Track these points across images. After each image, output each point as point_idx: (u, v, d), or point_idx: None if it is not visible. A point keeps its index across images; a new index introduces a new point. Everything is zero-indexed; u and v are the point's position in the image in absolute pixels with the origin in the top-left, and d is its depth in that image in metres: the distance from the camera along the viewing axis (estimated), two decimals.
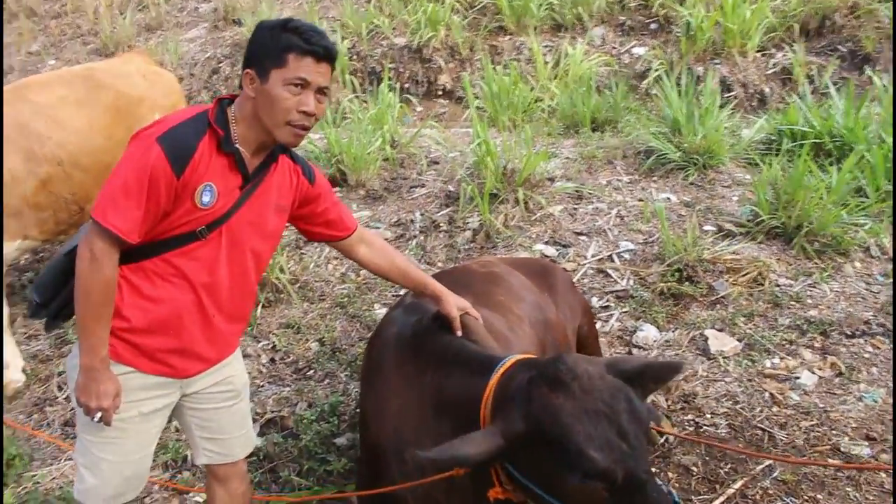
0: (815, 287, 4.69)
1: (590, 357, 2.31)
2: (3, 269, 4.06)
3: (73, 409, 3.90)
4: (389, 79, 7.87)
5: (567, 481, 2.00)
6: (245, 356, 4.46)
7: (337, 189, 6.14)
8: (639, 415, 2.03)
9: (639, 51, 8.30)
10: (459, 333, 2.66)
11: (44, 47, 10.14)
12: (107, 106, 4.49)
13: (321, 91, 2.24)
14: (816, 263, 4.89)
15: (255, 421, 3.82)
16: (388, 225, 5.66)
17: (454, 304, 2.66)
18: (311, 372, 4.34)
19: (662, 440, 3.54)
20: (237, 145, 2.25)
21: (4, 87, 4.45)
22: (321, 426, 3.63)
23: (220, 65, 8.85)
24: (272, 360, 4.47)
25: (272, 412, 3.92)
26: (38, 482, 3.28)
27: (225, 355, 2.50)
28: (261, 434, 3.73)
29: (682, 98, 6.25)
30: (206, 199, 2.21)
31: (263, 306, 4.90)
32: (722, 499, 3.19)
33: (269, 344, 4.61)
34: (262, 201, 2.38)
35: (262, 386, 4.22)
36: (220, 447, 2.59)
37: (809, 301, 4.57)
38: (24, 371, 4.25)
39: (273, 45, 2.19)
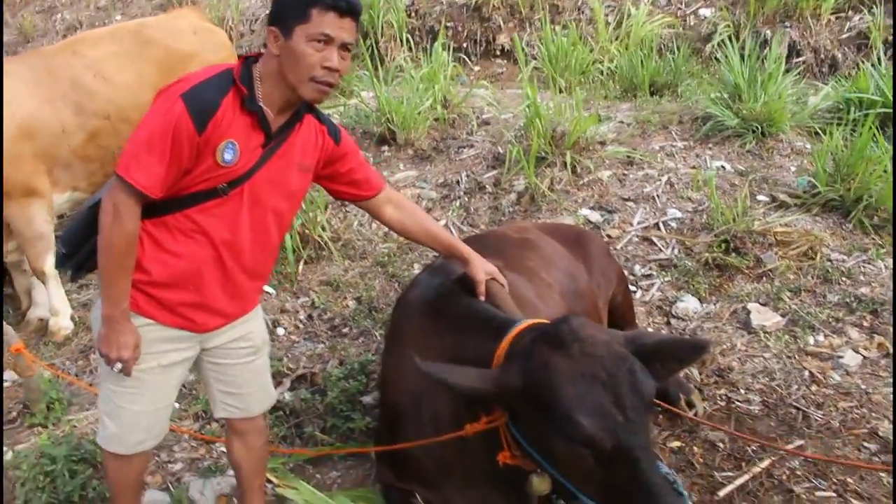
0: (869, 264, 4.49)
1: (602, 326, 2.25)
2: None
3: None
4: (446, 37, 7.79)
5: (554, 443, 1.99)
6: (283, 312, 4.54)
7: (385, 148, 6.15)
8: (641, 388, 1.99)
9: (705, 12, 8.00)
10: (483, 298, 2.64)
11: (111, 2, 10.36)
12: (156, 61, 4.55)
13: (345, 47, 2.22)
14: (873, 239, 4.68)
15: (286, 376, 3.90)
16: (433, 185, 5.64)
17: (481, 267, 2.64)
18: (347, 329, 4.39)
19: (692, 412, 3.47)
20: (261, 104, 2.25)
21: (61, 41, 4.56)
22: (349, 384, 3.67)
23: None
24: (310, 317, 4.53)
25: (304, 368, 3.98)
26: (75, 426, 3.42)
27: (245, 311, 2.53)
28: (291, 389, 3.80)
29: (745, 62, 6.00)
30: (227, 156, 2.22)
31: (305, 263, 4.96)
32: (747, 477, 3.11)
33: (307, 300, 4.67)
34: (286, 161, 2.37)
35: (297, 342, 4.29)
36: (239, 402, 2.64)
37: (862, 278, 4.38)
38: (72, 319, 4.41)
39: (297, 1, 2.17)
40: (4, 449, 3.32)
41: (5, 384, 3.90)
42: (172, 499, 3.05)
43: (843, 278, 4.38)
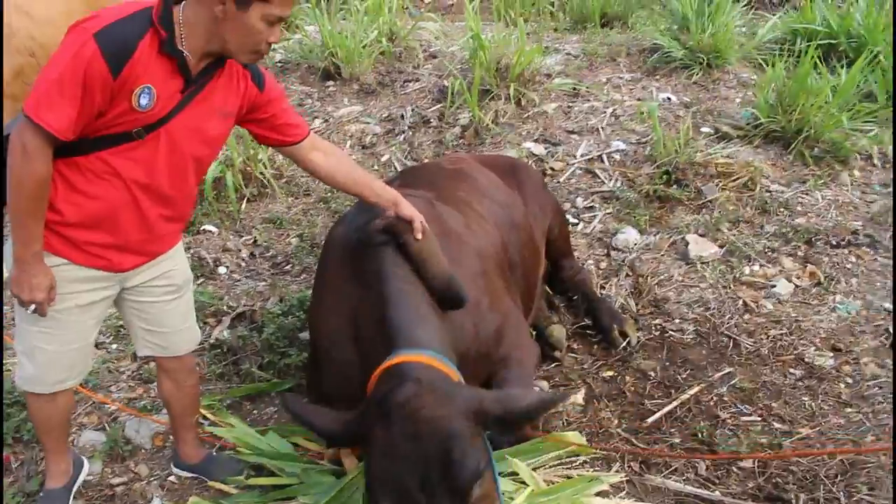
0: (807, 194, 4.56)
1: (450, 389, 2.14)
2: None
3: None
4: None
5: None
6: (225, 251, 4.49)
7: (330, 83, 6.03)
8: (455, 474, 1.94)
9: None
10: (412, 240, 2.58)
11: None
12: None
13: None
14: (813, 170, 4.74)
15: (225, 314, 3.87)
16: (378, 120, 5.56)
17: (406, 211, 2.62)
18: (289, 267, 4.36)
19: (624, 343, 3.53)
20: (182, 48, 2.16)
21: None
22: (287, 320, 3.66)
23: None
24: (252, 255, 4.49)
25: (245, 306, 3.96)
26: (9, 369, 3.35)
27: (163, 250, 2.49)
28: (231, 327, 3.78)
29: None
30: (143, 101, 2.14)
31: (248, 201, 4.88)
32: (675, 404, 3.18)
33: (250, 238, 4.62)
34: (206, 107, 2.29)
35: (239, 280, 4.25)
36: (162, 340, 2.62)
37: (799, 209, 4.45)
38: None
39: None
40: None
41: None
42: (108, 438, 3.04)
43: (781, 209, 4.44)
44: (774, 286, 3.90)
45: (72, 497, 2.75)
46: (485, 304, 2.79)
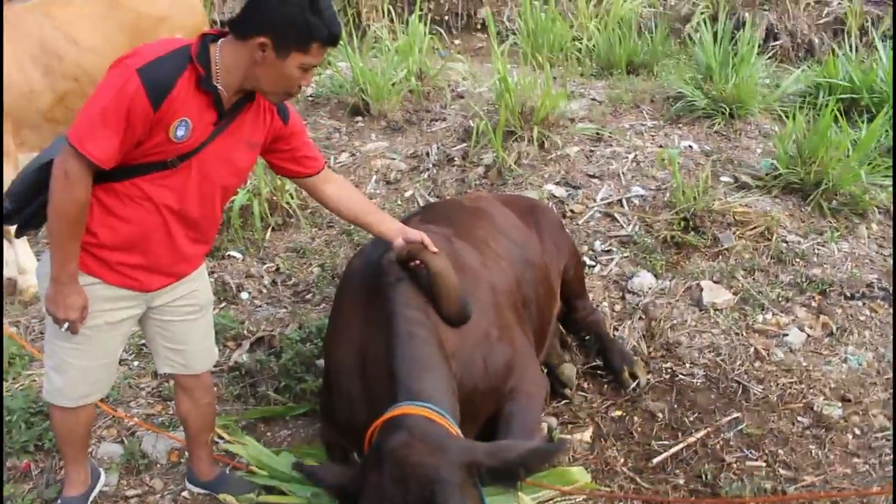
0: (823, 246, 4.59)
1: (443, 440, 2.20)
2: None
3: None
4: (427, 10, 7.81)
5: None
6: (248, 276, 4.61)
7: (358, 119, 6.18)
8: None
9: None
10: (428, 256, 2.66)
11: None
12: (126, 25, 4.56)
13: None
14: (830, 222, 4.78)
15: (245, 339, 3.98)
16: (403, 157, 5.70)
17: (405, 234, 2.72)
18: (310, 295, 4.47)
19: (634, 384, 3.58)
20: (217, 84, 2.30)
21: (31, 1, 4.58)
22: (305, 347, 3.76)
23: None
24: (273, 282, 4.60)
25: (265, 331, 4.07)
26: (35, 380, 3.49)
27: (188, 271, 2.61)
28: (250, 351, 3.89)
29: (718, 44, 6.05)
30: (180, 133, 2.28)
31: (273, 230, 5.02)
32: (681, 446, 3.23)
33: (273, 266, 4.74)
34: (234, 138, 2.43)
35: (260, 306, 4.36)
36: (182, 358, 2.73)
37: (815, 259, 4.49)
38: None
39: (302, 27, 2.19)
40: None
41: None
42: (125, 452, 3.14)
43: (797, 259, 4.48)
44: (787, 335, 3.93)
45: None
46: (494, 335, 2.87)
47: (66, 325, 2.39)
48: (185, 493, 2.99)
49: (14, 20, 4.30)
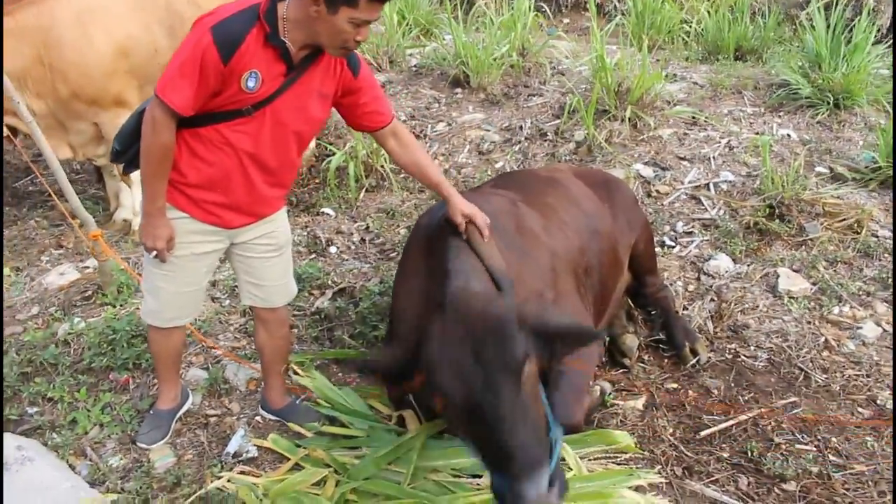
0: None
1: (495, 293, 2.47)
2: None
3: None
4: None
5: (433, 398, 2.30)
6: (338, 232, 4.90)
7: (458, 90, 6.37)
8: (506, 352, 2.19)
9: None
10: (464, 237, 2.81)
11: None
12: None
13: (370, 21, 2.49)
14: None
15: (329, 288, 4.26)
16: (497, 129, 5.85)
17: (459, 209, 2.80)
18: (394, 254, 4.70)
19: (694, 360, 3.64)
20: (284, 38, 2.47)
21: None
22: (382, 299, 4.00)
23: None
24: (362, 240, 4.87)
25: (349, 283, 4.34)
26: (139, 307, 3.86)
27: (267, 213, 2.86)
28: (331, 299, 4.16)
29: (831, 31, 5.87)
30: (250, 83, 2.49)
31: (367, 191, 5.30)
32: (732, 422, 3.27)
33: (363, 225, 5.01)
34: (305, 89, 2.61)
35: (347, 260, 4.64)
36: (262, 292, 3.00)
37: None
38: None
39: None
40: (77, 320, 3.82)
41: (86, 270, 4.42)
42: (210, 377, 3.47)
43: (886, 254, 4.37)
44: (861, 328, 3.87)
45: (174, 420, 3.20)
46: (549, 297, 2.99)
47: (153, 252, 2.69)
48: (258, 418, 3.29)
49: None
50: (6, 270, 4.44)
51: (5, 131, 4.41)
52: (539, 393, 2.42)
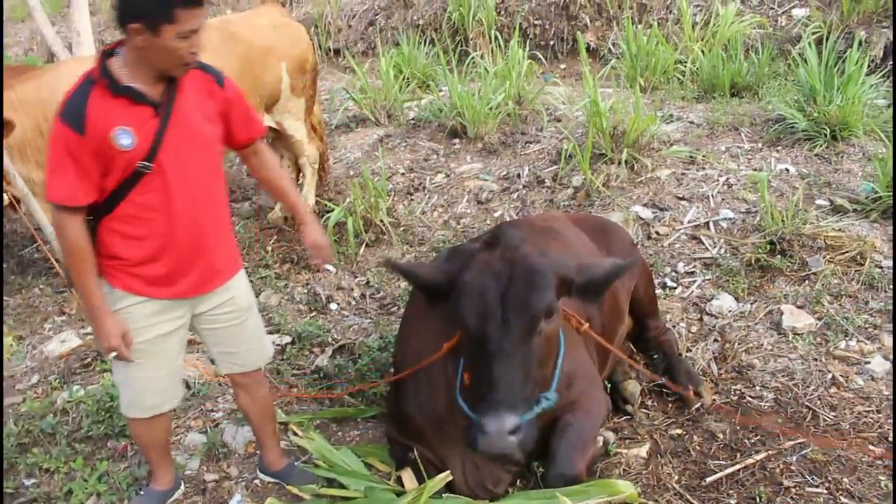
0: None
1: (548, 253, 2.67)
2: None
3: None
4: (534, 35, 8.00)
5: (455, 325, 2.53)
6: (339, 289, 4.91)
7: (456, 141, 6.42)
8: (530, 297, 2.42)
9: (799, 12, 7.82)
10: (316, 262, 3.08)
11: None
12: (238, 55, 4.98)
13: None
14: None
15: (329, 345, 4.24)
16: (495, 178, 5.87)
17: (311, 237, 2.98)
18: (395, 308, 4.70)
19: (698, 404, 3.57)
20: (130, 84, 2.43)
21: None
22: (381, 355, 3.98)
23: (377, 17, 9.31)
24: (362, 295, 4.87)
25: (349, 340, 4.32)
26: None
27: (222, 275, 2.77)
28: (331, 357, 4.14)
29: (824, 64, 5.88)
30: (124, 141, 2.41)
31: (366, 245, 5.31)
32: (739, 466, 3.19)
33: (363, 280, 5.01)
34: (186, 118, 2.53)
35: (347, 316, 4.63)
36: (237, 359, 2.94)
37: None
38: None
39: (159, 3, 2.31)
40: (76, 388, 3.82)
41: (88, 336, 4.43)
42: (208, 440, 3.44)
43: (891, 286, 4.31)
44: (869, 363, 3.80)
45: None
46: None
47: (112, 354, 2.60)
48: (256, 481, 3.25)
49: None
50: (9, 340, 4.46)
51: (9, 199, 4.48)
52: (553, 355, 2.67)
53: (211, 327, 2.86)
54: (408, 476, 3.02)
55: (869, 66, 6.23)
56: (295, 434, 3.47)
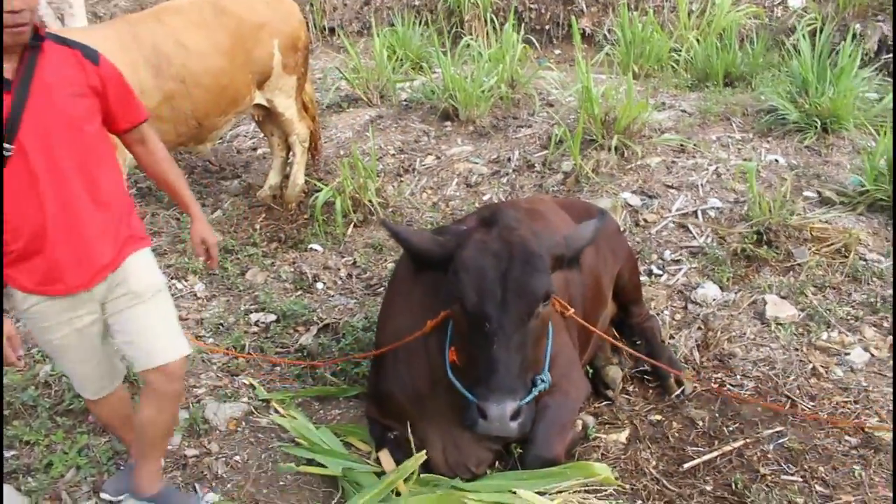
0: None
1: (543, 233, 2.73)
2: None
3: (173, 295, 4.51)
4: (529, 20, 7.96)
5: (451, 302, 2.55)
6: (325, 268, 4.90)
7: (447, 123, 6.39)
8: (529, 279, 2.46)
9: (795, 3, 7.82)
10: (201, 258, 2.96)
11: None
12: (229, 31, 4.93)
13: None
14: None
15: (314, 324, 4.25)
16: (486, 161, 5.86)
17: (200, 234, 2.87)
18: (381, 289, 4.69)
19: (678, 391, 3.60)
20: None
21: (148, 10, 5.06)
22: (365, 335, 3.99)
23: None
24: (349, 275, 4.87)
25: (334, 319, 4.32)
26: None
27: (117, 256, 2.54)
28: (316, 336, 4.15)
29: (816, 56, 5.88)
30: None
31: (354, 226, 5.30)
32: (716, 454, 3.22)
33: (350, 260, 5.01)
34: (48, 93, 2.34)
35: (333, 296, 4.63)
36: (136, 350, 2.63)
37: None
38: None
39: None
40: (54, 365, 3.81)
41: None
42: (189, 416, 3.45)
43: (874, 278, 4.34)
44: (849, 354, 3.83)
45: None
46: None
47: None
48: (236, 458, 3.26)
49: (130, 28, 4.74)
50: None
51: None
52: (544, 338, 2.72)
53: (111, 315, 2.61)
54: (386, 457, 3.03)
55: (862, 59, 6.25)
56: (276, 412, 3.48)
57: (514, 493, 2.76)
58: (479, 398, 2.50)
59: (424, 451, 2.90)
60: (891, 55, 7.06)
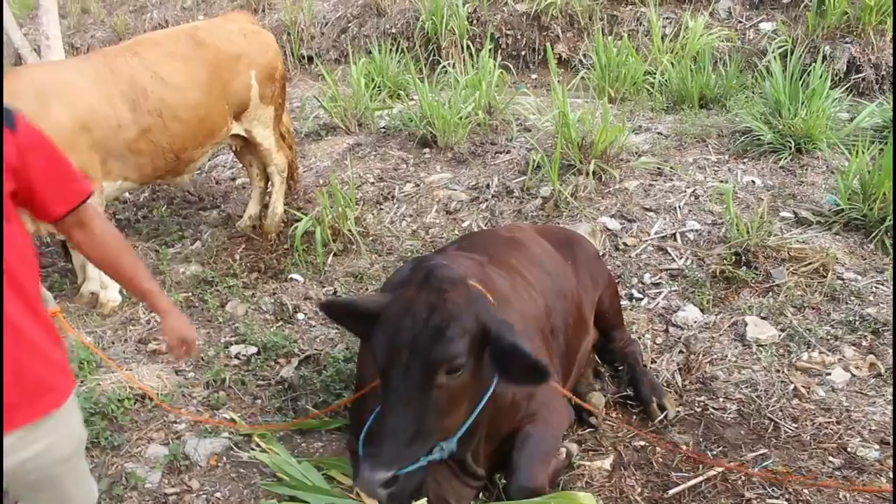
0: (882, 285, 4.47)
1: (478, 295, 2.55)
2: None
3: (151, 328, 4.47)
4: (506, 45, 8.03)
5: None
6: (307, 298, 4.87)
7: (426, 150, 6.41)
8: (436, 345, 2.30)
9: (766, 26, 7.94)
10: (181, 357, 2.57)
11: (195, 3, 11.03)
12: (206, 62, 4.94)
13: None
14: (893, 261, 4.64)
15: (295, 356, 4.21)
16: (464, 188, 5.88)
17: (175, 331, 2.43)
18: None
19: (661, 416, 3.59)
20: None
21: (124, 42, 5.05)
22: (346, 366, 3.96)
23: (349, 24, 9.30)
24: None
25: (315, 350, 4.29)
26: (99, 384, 3.81)
27: (26, 404, 1.92)
28: (297, 368, 4.11)
29: (789, 78, 5.97)
30: None
31: (335, 255, 5.28)
32: (701, 479, 3.21)
33: (331, 289, 4.98)
34: None
35: (314, 326, 4.59)
36: None
37: (871, 298, 4.37)
38: (120, 293, 4.85)
39: None
40: None
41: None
42: (169, 452, 3.40)
43: (852, 297, 4.37)
44: (830, 374, 3.85)
45: None
46: None
47: None
48: (217, 495, 3.21)
49: (107, 60, 4.73)
50: None
51: None
52: (457, 409, 2.49)
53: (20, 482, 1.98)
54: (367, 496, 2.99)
55: (833, 80, 6.35)
56: (258, 446, 3.44)
57: None
58: (362, 455, 2.45)
59: None
60: (860, 76, 7.18)
